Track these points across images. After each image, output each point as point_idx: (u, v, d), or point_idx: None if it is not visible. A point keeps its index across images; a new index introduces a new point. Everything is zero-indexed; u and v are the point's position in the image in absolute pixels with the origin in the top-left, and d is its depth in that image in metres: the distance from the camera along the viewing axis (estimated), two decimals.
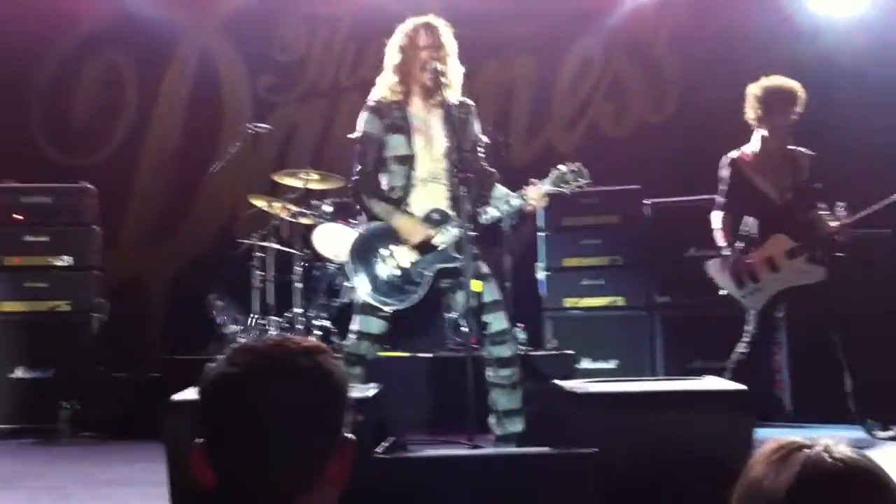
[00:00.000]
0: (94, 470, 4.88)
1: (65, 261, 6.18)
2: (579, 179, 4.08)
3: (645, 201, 6.43)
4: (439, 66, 4.01)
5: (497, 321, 4.02)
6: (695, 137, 7.05)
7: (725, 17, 7.11)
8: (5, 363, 5.97)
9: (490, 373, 4.03)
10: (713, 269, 5.18)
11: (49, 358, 6.00)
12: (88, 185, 6.38)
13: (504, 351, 4.02)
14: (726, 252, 5.11)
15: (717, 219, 5.18)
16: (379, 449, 3.41)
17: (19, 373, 5.98)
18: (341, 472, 1.39)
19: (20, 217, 6.18)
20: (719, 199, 5.20)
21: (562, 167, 4.08)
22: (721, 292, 5.14)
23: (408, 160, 4.06)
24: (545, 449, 3.36)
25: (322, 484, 1.37)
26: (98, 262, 6.34)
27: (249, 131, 6.69)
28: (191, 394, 3.60)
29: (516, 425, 4.03)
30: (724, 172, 5.19)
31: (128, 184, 7.49)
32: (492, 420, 4.03)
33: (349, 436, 1.41)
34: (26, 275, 6.13)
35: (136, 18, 7.37)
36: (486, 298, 4.02)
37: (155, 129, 7.64)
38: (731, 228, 5.13)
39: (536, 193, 4.03)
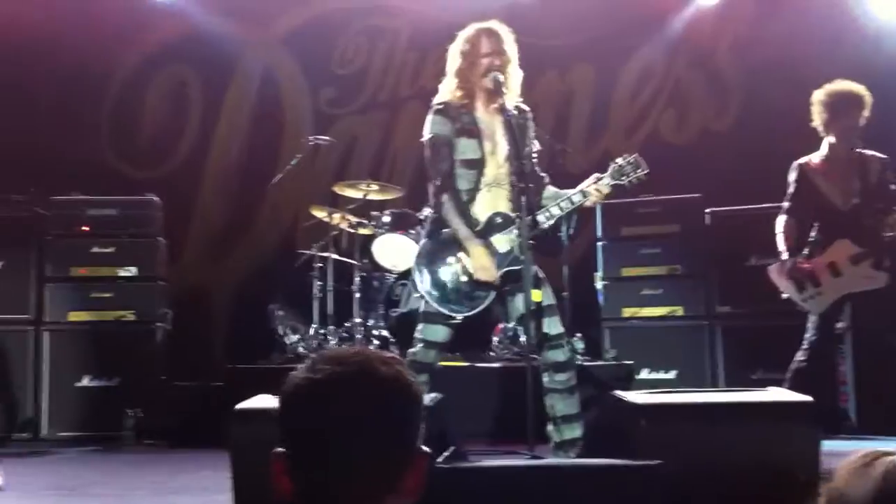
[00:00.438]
0: (159, 477, 4.95)
1: (130, 271, 6.31)
2: (638, 171, 4.06)
3: (706, 210, 6.36)
4: (500, 75, 4.01)
5: (553, 326, 4.00)
6: (757, 144, 6.97)
7: (788, 22, 7.01)
8: (72, 372, 6.10)
9: (546, 378, 4.00)
10: (774, 272, 5.14)
11: (114, 367, 6.12)
12: (154, 198, 6.51)
13: (560, 355, 4.00)
14: (785, 257, 5.05)
15: (780, 223, 5.14)
16: (440, 458, 3.41)
17: (86, 381, 6.10)
18: (417, 484, 1.38)
19: (87, 229, 6.31)
20: (785, 203, 5.16)
21: (619, 160, 4.09)
22: (783, 296, 5.08)
23: (477, 164, 4.05)
24: (607, 460, 3.32)
25: (398, 495, 1.36)
26: (163, 273, 6.47)
27: (310, 144, 6.78)
28: (256, 402, 3.65)
29: (574, 431, 3.99)
30: (791, 177, 5.16)
31: (192, 196, 7.63)
32: (549, 427, 3.99)
33: (425, 448, 1.40)
34: (93, 285, 6.26)
35: (202, 34, 7.53)
36: (545, 302, 4.01)
37: (218, 143, 7.78)
38: (793, 233, 5.08)
39: (597, 187, 4.02)
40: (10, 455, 5.22)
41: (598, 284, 6.50)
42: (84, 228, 6.32)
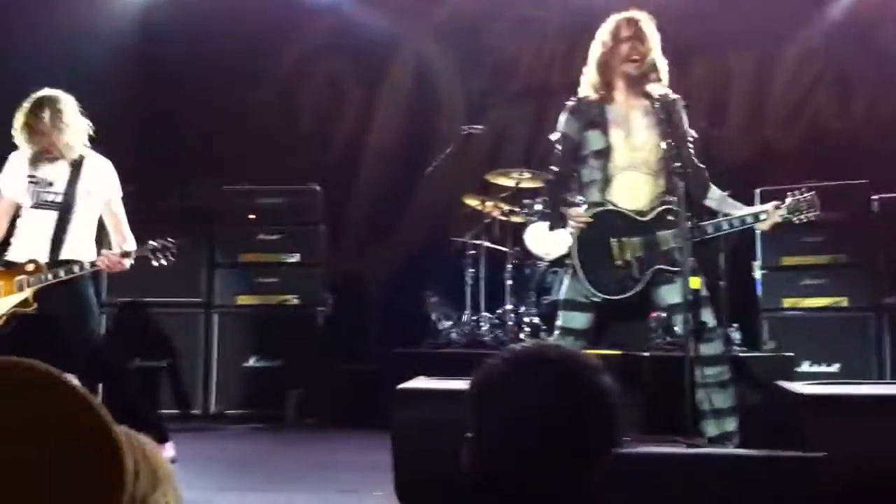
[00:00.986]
0: (320, 455, 5.17)
1: (294, 258, 6.57)
2: (811, 211, 4.03)
3: (873, 196, 6.09)
4: (642, 60, 3.98)
5: (707, 318, 3.94)
6: None
7: None
8: (240, 353, 6.40)
9: (698, 372, 3.94)
10: None
11: (278, 348, 6.39)
12: (316, 187, 6.75)
13: (714, 348, 3.93)
14: None
15: None
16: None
17: (251, 362, 6.40)
18: (600, 476, 1.41)
19: (254, 217, 6.61)
20: None
21: (797, 195, 4.03)
22: None
23: (604, 153, 4.04)
24: (769, 451, 3.25)
25: (581, 483, 1.40)
26: (323, 259, 6.69)
27: (463, 133, 6.88)
28: (417, 384, 3.77)
29: (728, 425, 3.91)
30: None
31: (350, 185, 7.85)
32: (703, 421, 3.93)
33: (608, 439, 1.43)
34: (259, 271, 6.55)
35: (357, 28, 7.74)
36: (700, 293, 3.95)
37: (374, 133, 7.97)
38: None
39: (770, 220, 3.97)
40: (182, 430, 5.55)
41: (757, 274, 6.32)
42: (252, 216, 6.61)
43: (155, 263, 4.46)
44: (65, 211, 4.50)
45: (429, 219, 7.74)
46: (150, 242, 4.49)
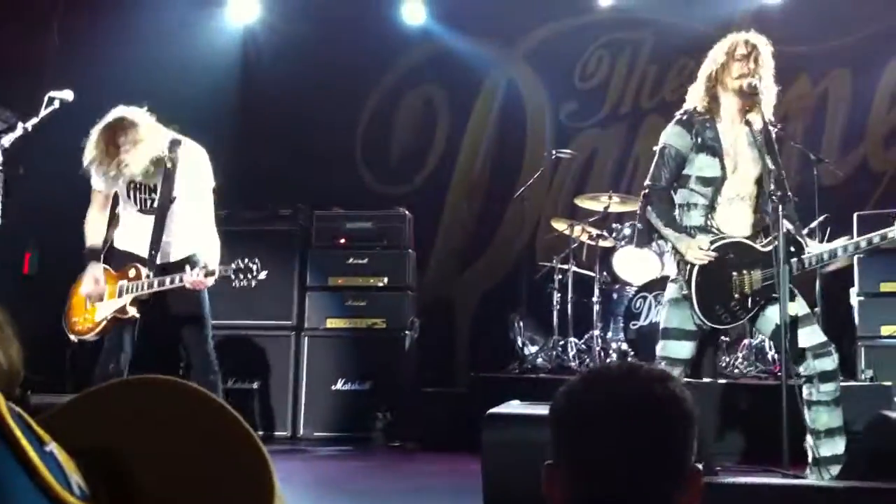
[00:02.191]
0: (409, 477, 5.18)
1: (382, 281, 6.63)
2: None
3: None
4: (754, 80, 3.90)
5: (816, 333, 3.82)
6: None
7: None
8: (329, 375, 6.46)
9: (808, 389, 3.81)
10: None
11: (366, 371, 6.43)
12: (404, 211, 6.81)
13: (827, 364, 3.80)
14: None
15: None
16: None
17: (340, 384, 6.46)
18: (692, 501, 1.35)
19: (344, 241, 6.70)
20: None
21: None
22: None
23: (715, 182, 3.95)
24: (876, 483, 3.14)
25: None
26: (411, 283, 6.74)
27: (552, 157, 6.89)
28: (506, 408, 3.76)
29: (837, 446, 3.78)
30: None
31: (439, 209, 7.91)
32: (809, 440, 3.80)
33: (699, 465, 1.37)
34: (349, 294, 6.62)
35: (449, 53, 7.84)
36: (800, 312, 3.84)
37: (464, 157, 8.03)
38: None
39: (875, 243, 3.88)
40: (271, 452, 5.60)
41: (854, 300, 6.14)
42: (342, 241, 6.70)
43: (236, 284, 4.41)
44: (162, 213, 4.49)
45: (517, 243, 7.75)
46: (235, 263, 4.42)
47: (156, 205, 4.51)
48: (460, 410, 5.87)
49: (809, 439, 3.78)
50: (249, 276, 4.43)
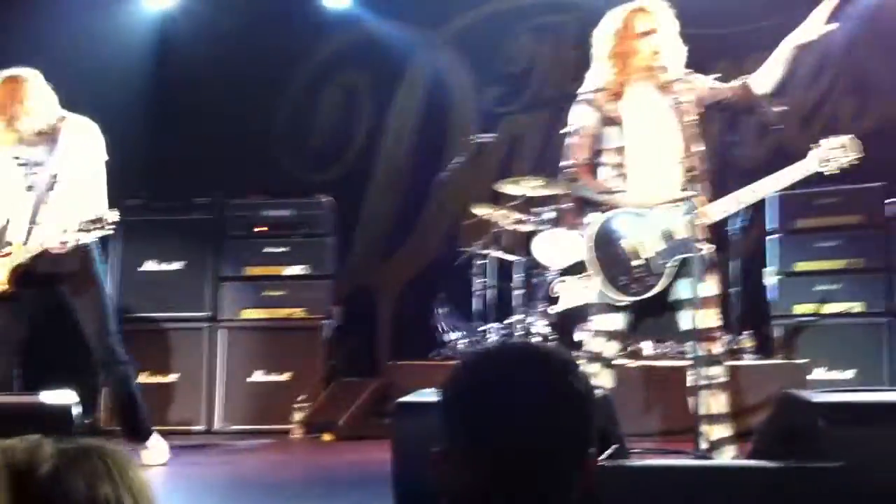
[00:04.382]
0: (326, 469, 5.09)
1: (301, 270, 6.50)
2: (849, 155, 3.81)
3: (887, 200, 5.97)
4: (657, 49, 3.89)
5: (709, 318, 3.84)
6: None
7: None
8: (245, 367, 6.33)
9: (694, 374, 3.83)
10: None
11: (284, 362, 6.31)
12: (325, 198, 6.69)
13: (714, 348, 3.83)
14: None
15: None
16: (602, 457, 3.32)
17: (257, 376, 6.33)
18: (584, 486, 1.31)
19: (263, 229, 6.54)
20: None
21: (824, 143, 3.83)
22: None
23: (622, 150, 3.96)
24: (782, 462, 3.14)
25: (562, 495, 1.29)
26: (331, 271, 6.61)
27: (474, 142, 6.82)
28: (418, 396, 3.68)
29: (728, 430, 3.83)
30: None
31: (361, 196, 7.79)
32: (701, 426, 3.82)
33: (593, 450, 1.33)
34: (266, 284, 6.48)
35: (373, 38, 7.71)
36: (704, 293, 3.83)
37: (387, 144, 7.91)
38: None
39: (780, 180, 3.83)
40: (187, 446, 5.47)
41: (769, 280, 6.21)
42: (260, 229, 6.55)
43: (93, 234, 4.34)
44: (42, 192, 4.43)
45: (439, 229, 7.68)
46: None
47: (37, 182, 4.40)
48: (381, 399, 5.81)
49: (701, 424, 3.78)
50: (104, 225, 4.30)
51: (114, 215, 4.35)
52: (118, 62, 7.08)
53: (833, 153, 3.80)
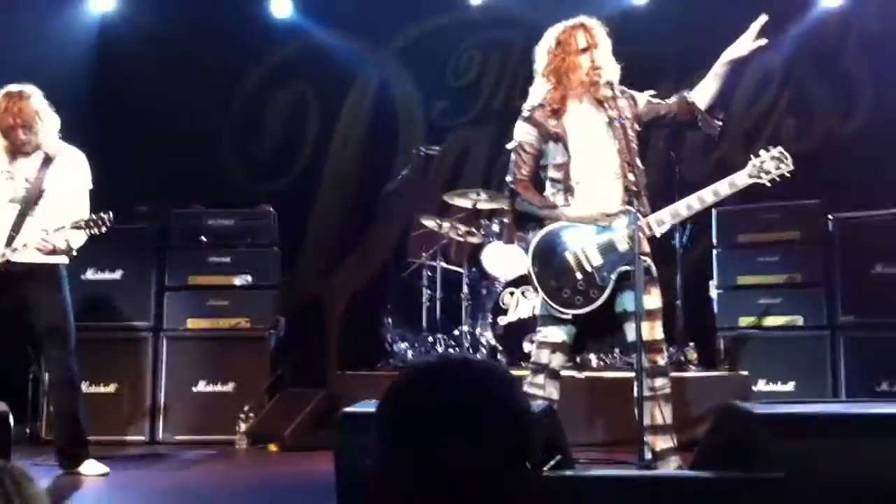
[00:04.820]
0: (270, 480, 5.03)
1: (246, 280, 6.44)
2: (781, 166, 3.89)
3: (828, 216, 6.10)
4: (597, 64, 3.95)
5: (654, 330, 3.89)
6: (885, 149, 6.67)
7: None
8: (189, 377, 6.25)
9: (651, 383, 3.87)
10: None
11: (229, 373, 6.25)
12: (269, 208, 6.64)
13: (659, 360, 3.88)
14: None
15: None
16: (546, 467, 3.33)
17: (201, 386, 6.25)
18: (516, 499, 1.30)
19: (206, 239, 6.48)
20: None
21: (762, 154, 3.90)
22: None
23: (565, 166, 4.00)
24: (724, 473, 3.18)
25: None
26: (277, 281, 6.56)
27: (421, 155, 6.83)
28: (362, 407, 3.66)
29: (673, 440, 3.87)
30: None
31: (308, 206, 7.75)
32: (647, 437, 3.86)
33: (527, 463, 1.32)
34: (210, 294, 6.42)
35: (320, 49, 7.68)
36: (650, 307, 3.88)
37: (334, 155, 7.89)
38: None
39: (718, 190, 3.88)
40: (129, 457, 5.38)
41: (713, 293, 6.30)
42: (203, 239, 6.48)
43: (88, 233, 4.54)
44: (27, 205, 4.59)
45: (387, 241, 7.67)
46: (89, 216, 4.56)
47: (23, 195, 4.56)
48: (326, 410, 5.77)
49: (647, 434, 3.82)
50: (101, 224, 4.47)
51: (110, 217, 4.50)
52: (57, 65, 6.91)
53: (768, 164, 3.88)
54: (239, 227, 6.53)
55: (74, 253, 4.71)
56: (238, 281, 6.43)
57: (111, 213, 4.51)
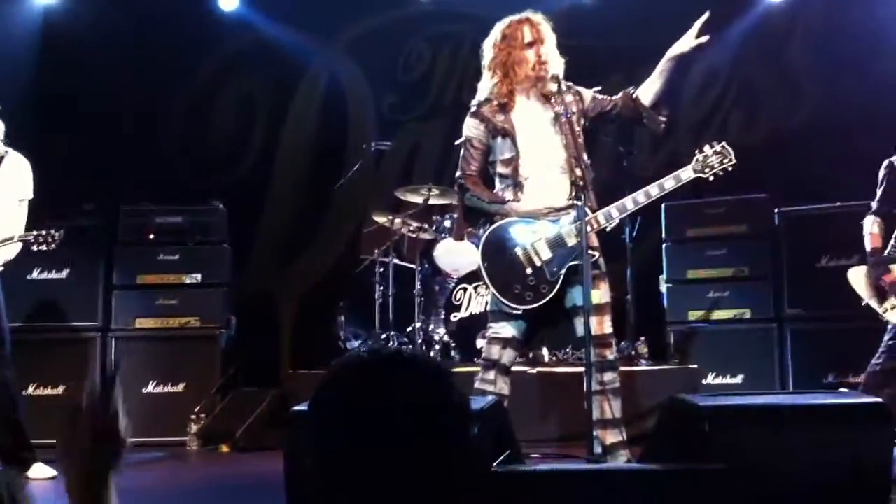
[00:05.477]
0: (221, 481, 4.99)
1: (195, 278, 6.37)
2: (725, 161, 3.95)
3: (774, 210, 6.18)
4: (546, 62, 3.97)
5: (603, 324, 3.92)
6: (831, 143, 6.76)
7: (863, 17, 6.78)
8: (139, 378, 6.17)
9: (591, 378, 3.90)
10: (854, 277, 4.90)
11: (179, 373, 6.19)
12: (219, 205, 6.57)
13: (607, 354, 3.91)
14: (872, 260, 4.83)
15: (867, 224, 4.91)
16: (495, 462, 3.34)
17: (151, 387, 6.18)
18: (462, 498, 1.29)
19: (154, 236, 6.40)
20: (873, 203, 4.94)
21: (706, 149, 3.96)
22: (863, 303, 4.86)
23: (514, 160, 4.02)
24: (669, 465, 3.21)
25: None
26: (227, 279, 6.50)
27: (372, 150, 6.80)
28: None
29: (622, 433, 3.91)
30: (881, 174, 4.93)
31: (258, 203, 7.68)
32: (594, 431, 3.88)
33: (470, 457, 1.32)
34: (159, 292, 6.34)
35: (269, 44, 7.61)
36: (599, 301, 3.91)
37: (284, 150, 7.83)
38: (882, 235, 4.85)
39: (663, 184, 3.93)
40: None
41: (663, 287, 6.36)
42: (151, 236, 6.41)
43: (35, 249, 4.56)
44: None
45: (339, 237, 7.63)
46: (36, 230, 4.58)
47: None
48: (278, 409, 5.73)
49: (596, 428, 3.84)
50: (51, 242, 4.50)
51: (61, 234, 4.55)
52: None
53: (712, 159, 3.94)
54: (188, 224, 6.46)
55: (1, 268, 4.65)
56: (188, 279, 6.36)
57: (61, 231, 4.55)
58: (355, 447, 1.26)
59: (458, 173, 4.16)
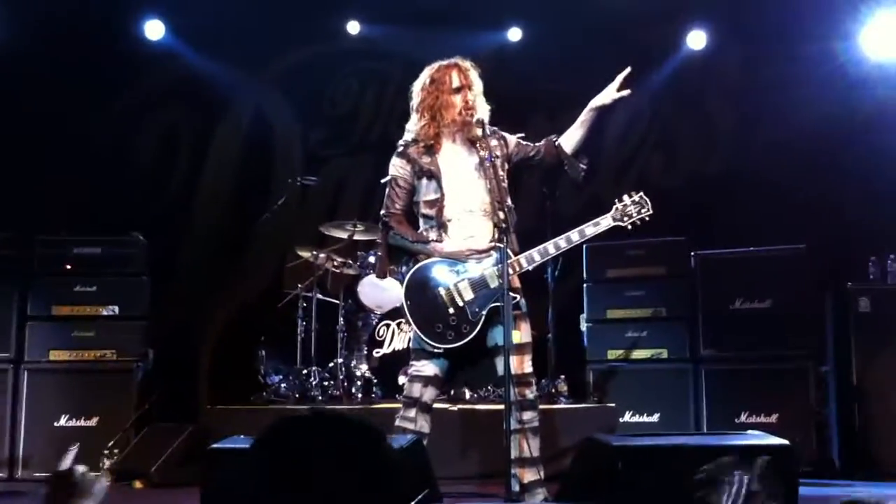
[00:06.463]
0: None
1: (112, 310, 6.26)
2: (642, 211, 4.07)
3: (691, 252, 6.34)
4: (477, 111, 4.05)
5: (524, 363, 3.98)
6: (746, 188, 6.99)
7: (777, 67, 7.04)
8: (52, 412, 6.03)
9: (519, 416, 3.94)
10: None
11: (93, 406, 6.06)
12: (139, 236, 6.47)
13: (527, 393, 3.97)
14: None
15: None
16: (414, 501, 3.35)
17: (63, 421, 6.04)
18: None
19: (71, 267, 6.28)
20: None
21: (625, 198, 4.06)
22: None
23: (437, 202, 4.08)
24: (582, 503, 3.27)
25: None
26: (145, 312, 6.39)
27: (297, 184, 6.80)
28: (230, 443, 3.61)
29: (540, 472, 3.95)
30: None
31: (179, 235, 7.59)
32: (514, 469, 3.92)
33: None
34: (75, 324, 6.22)
35: (193, 76, 7.56)
36: (519, 341, 3.97)
37: (207, 183, 7.77)
38: None
39: (585, 231, 4.02)
40: None
41: (583, 326, 6.46)
42: (68, 267, 6.29)
43: None
44: None
45: (261, 271, 7.57)
46: None
47: None
48: (196, 445, 5.62)
49: (514, 466, 3.88)
50: None
51: None
52: None
53: (630, 209, 4.06)
54: (106, 255, 6.36)
55: None
56: (104, 311, 6.24)
57: None
58: (294, 490, 1.28)
59: (382, 211, 4.20)
